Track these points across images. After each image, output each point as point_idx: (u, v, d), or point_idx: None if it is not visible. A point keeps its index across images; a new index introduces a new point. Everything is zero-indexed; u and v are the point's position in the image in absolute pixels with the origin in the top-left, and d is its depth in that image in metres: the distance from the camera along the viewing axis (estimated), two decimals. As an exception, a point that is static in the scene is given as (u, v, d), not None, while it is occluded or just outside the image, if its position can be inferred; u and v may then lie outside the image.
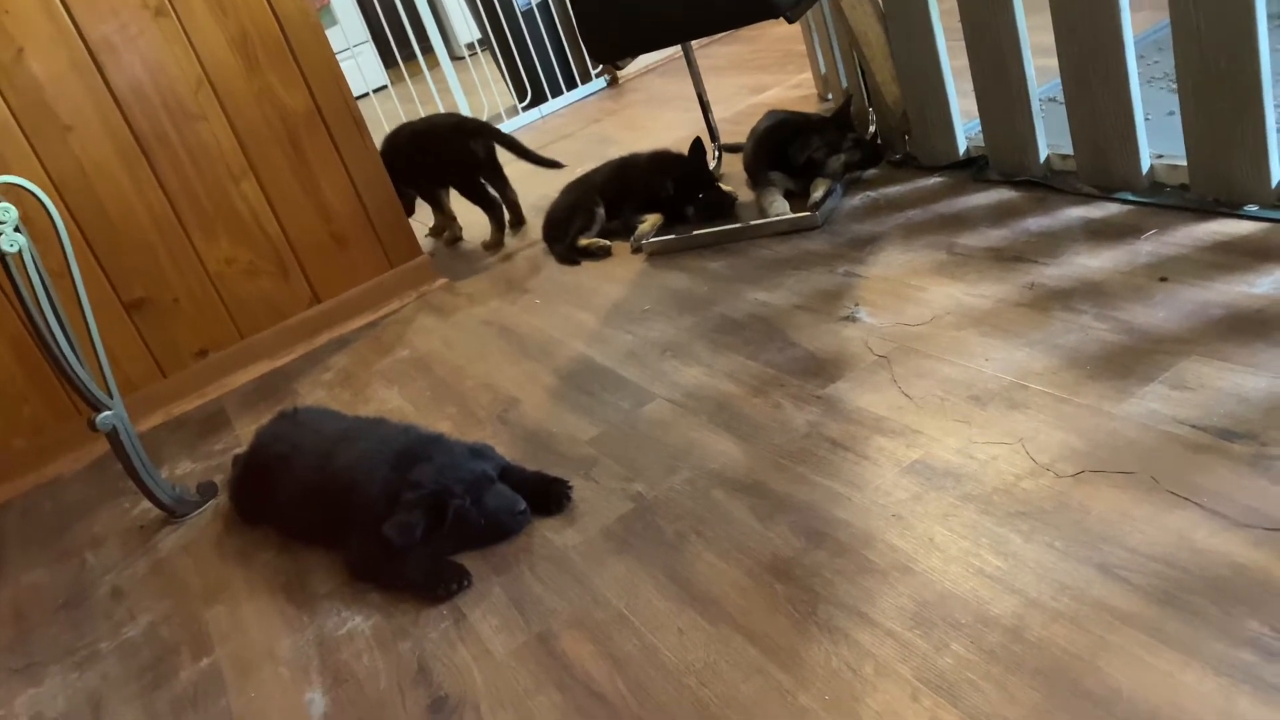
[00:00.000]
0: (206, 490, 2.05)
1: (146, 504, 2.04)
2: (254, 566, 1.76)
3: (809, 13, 2.88)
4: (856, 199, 2.36)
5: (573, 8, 2.34)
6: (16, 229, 1.75)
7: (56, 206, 1.87)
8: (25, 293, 1.77)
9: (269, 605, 1.63)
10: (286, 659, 1.49)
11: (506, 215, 3.04)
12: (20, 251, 1.76)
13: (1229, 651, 0.99)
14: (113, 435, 1.90)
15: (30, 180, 1.81)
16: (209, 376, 2.58)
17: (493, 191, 2.99)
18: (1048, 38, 1.93)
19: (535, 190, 3.14)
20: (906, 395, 1.56)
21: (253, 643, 1.55)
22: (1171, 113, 2.03)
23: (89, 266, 2.38)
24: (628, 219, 2.62)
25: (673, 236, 2.46)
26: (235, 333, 2.60)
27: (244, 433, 2.26)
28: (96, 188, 2.38)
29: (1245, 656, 0.97)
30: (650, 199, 2.59)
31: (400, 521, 1.52)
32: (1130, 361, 1.45)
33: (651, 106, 4.07)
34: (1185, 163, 1.81)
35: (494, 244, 2.97)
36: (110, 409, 1.88)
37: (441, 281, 2.81)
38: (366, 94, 4.44)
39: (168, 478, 2.05)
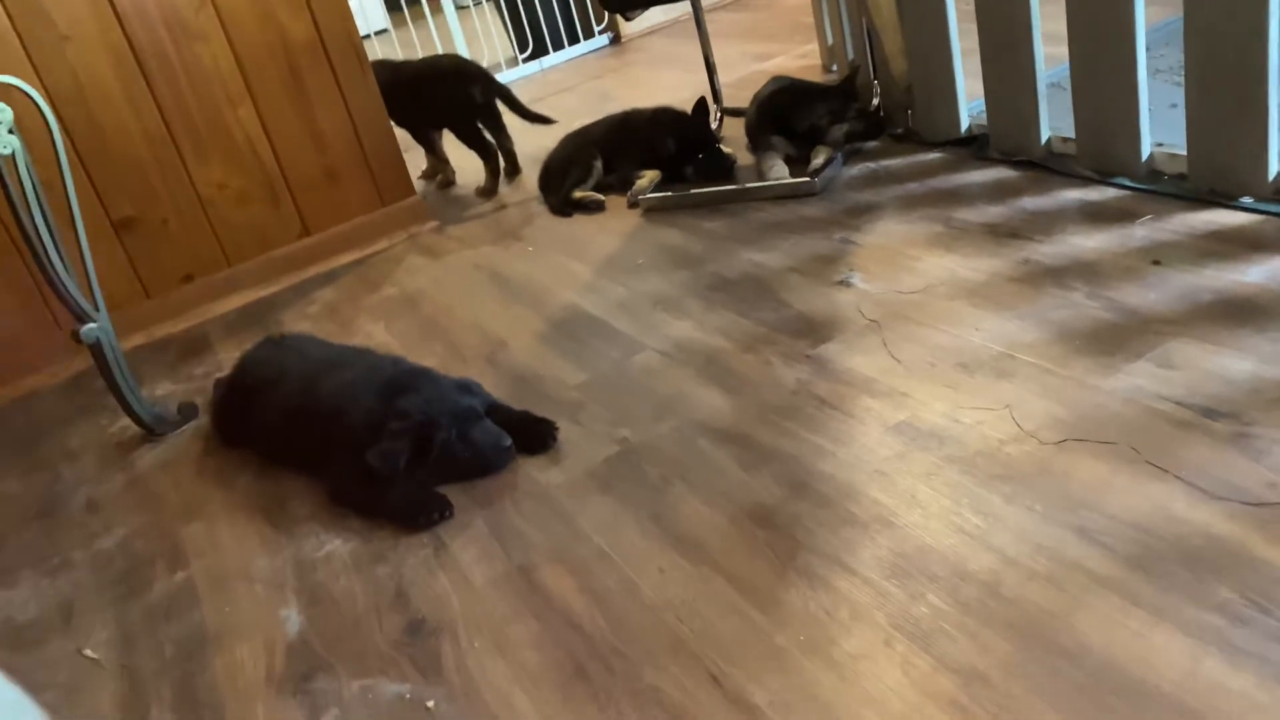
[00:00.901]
0: (187, 411, 2.03)
1: (124, 421, 2.03)
2: (233, 487, 1.75)
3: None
4: (856, 169, 2.37)
5: (586, -45, 2.32)
6: (10, 131, 1.72)
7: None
8: (16, 197, 1.75)
9: (246, 525, 1.63)
10: (262, 577, 1.49)
11: (502, 163, 3.02)
12: (13, 155, 1.73)
13: (1199, 615, 1.01)
14: (96, 348, 1.88)
15: (25, 85, 1.79)
16: (193, 301, 2.56)
17: (489, 138, 2.97)
18: (1056, 25, 1.94)
19: (534, 141, 3.12)
20: (896, 359, 1.58)
21: (229, 560, 1.55)
22: (1174, 105, 2.04)
23: (79, 181, 2.34)
24: (626, 174, 2.62)
25: (670, 194, 2.46)
26: (223, 259, 2.58)
27: (226, 358, 2.24)
28: (91, 102, 2.35)
29: (1214, 621, 1.00)
30: (650, 155, 2.58)
31: (385, 449, 1.52)
32: (1119, 339, 1.47)
33: (653, 67, 4.05)
34: (1185, 152, 1.83)
35: (488, 190, 2.96)
36: (95, 321, 1.86)
37: (433, 223, 2.79)
38: (368, 35, 4.39)
39: (148, 398, 2.03)
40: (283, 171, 2.59)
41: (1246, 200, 1.73)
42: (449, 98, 2.91)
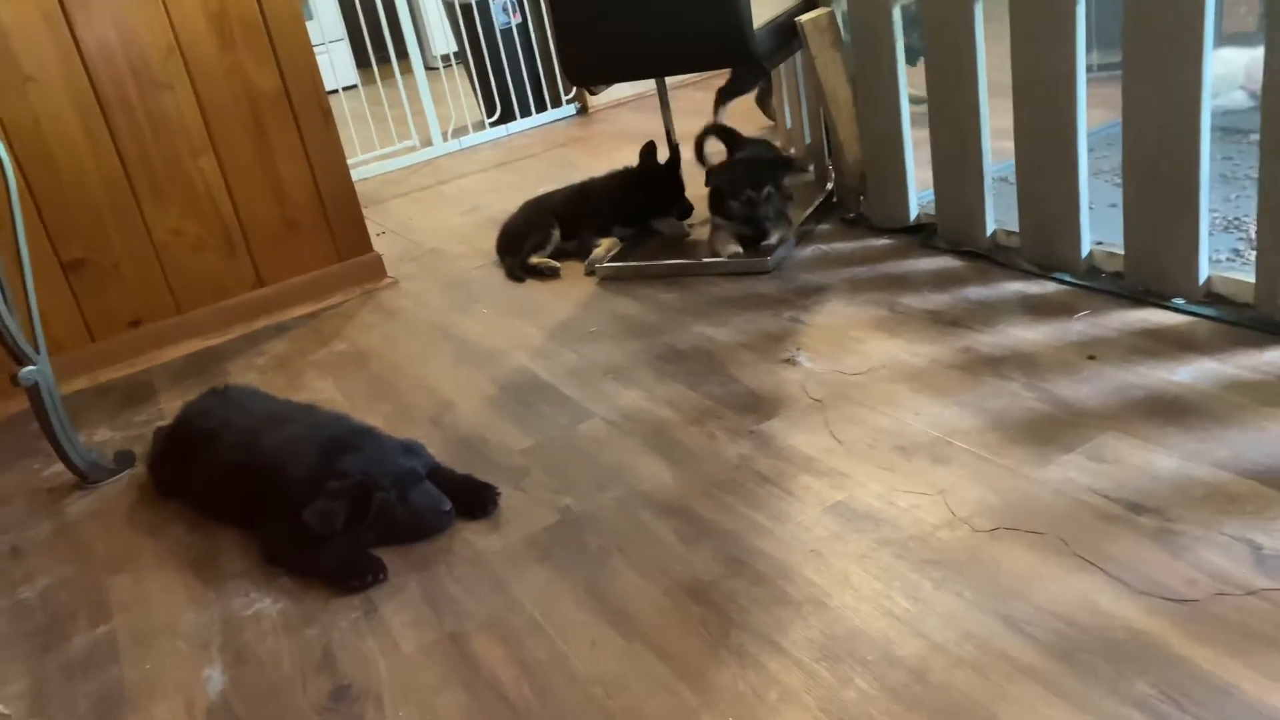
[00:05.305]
0: (124, 459, 2.00)
1: (58, 467, 1.99)
2: (164, 539, 1.72)
3: (781, 67, 2.95)
4: (808, 250, 2.42)
5: (553, 29, 2.38)
6: (-37, 169, 1.71)
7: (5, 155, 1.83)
8: (-37, 234, 1.73)
9: (175, 579, 1.60)
10: (187, 633, 1.45)
11: None
12: (-36, 192, 1.72)
13: (1118, 709, 1.02)
14: (33, 392, 1.85)
15: (-16, 123, 1.78)
16: (140, 347, 2.53)
17: None
18: (1005, 121, 2.02)
19: (496, 205, 3.15)
20: (836, 439, 1.60)
21: (154, 614, 1.52)
22: (1114, 205, 2.12)
23: (30, 220, 2.32)
24: (584, 241, 2.65)
25: (627, 264, 2.49)
26: (173, 306, 2.55)
27: (169, 407, 2.21)
28: (50, 142, 2.34)
29: (1132, 715, 1.01)
30: (615, 215, 2.65)
31: (321, 508, 1.50)
32: (1052, 430, 1.51)
33: (618, 139, 4.11)
34: (1122, 252, 1.90)
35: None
36: (35, 365, 1.83)
37: (389, 280, 2.80)
38: (336, 90, 4.42)
39: (85, 443, 1.99)
40: (240, 221, 2.59)
41: (1179, 301, 1.79)
42: None
